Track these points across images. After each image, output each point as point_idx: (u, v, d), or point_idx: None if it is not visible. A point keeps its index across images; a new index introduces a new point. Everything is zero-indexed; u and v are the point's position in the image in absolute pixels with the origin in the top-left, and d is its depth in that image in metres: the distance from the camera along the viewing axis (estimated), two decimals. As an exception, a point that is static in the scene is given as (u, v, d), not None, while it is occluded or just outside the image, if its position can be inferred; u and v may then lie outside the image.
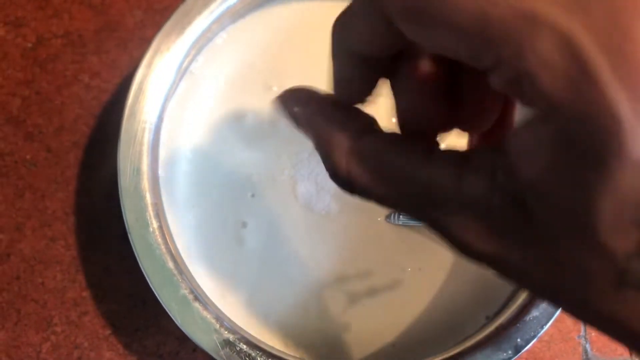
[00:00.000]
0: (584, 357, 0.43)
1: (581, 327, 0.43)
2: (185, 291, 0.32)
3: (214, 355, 0.32)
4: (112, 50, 0.44)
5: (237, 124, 0.38)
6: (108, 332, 0.41)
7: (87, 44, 0.44)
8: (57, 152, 0.43)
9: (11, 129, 0.43)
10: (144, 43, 0.44)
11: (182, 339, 0.41)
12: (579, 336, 0.43)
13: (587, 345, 0.43)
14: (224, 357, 0.32)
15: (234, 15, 0.37)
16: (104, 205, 0.42)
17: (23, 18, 0.44)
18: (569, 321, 0.43)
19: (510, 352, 0.33)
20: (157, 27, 0.44)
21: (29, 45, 0.44)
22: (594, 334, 0.43)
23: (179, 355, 0.41)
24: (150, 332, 0.41)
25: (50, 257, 0.42)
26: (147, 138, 0.33)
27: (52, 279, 0.41)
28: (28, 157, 0.42)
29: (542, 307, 0.33)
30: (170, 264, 0.32)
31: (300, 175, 0.38)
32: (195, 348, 0.41)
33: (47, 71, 0.44)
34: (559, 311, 0.34)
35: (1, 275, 0.41)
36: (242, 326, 0.35)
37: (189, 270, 0.33)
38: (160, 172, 0.36)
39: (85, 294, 0.41)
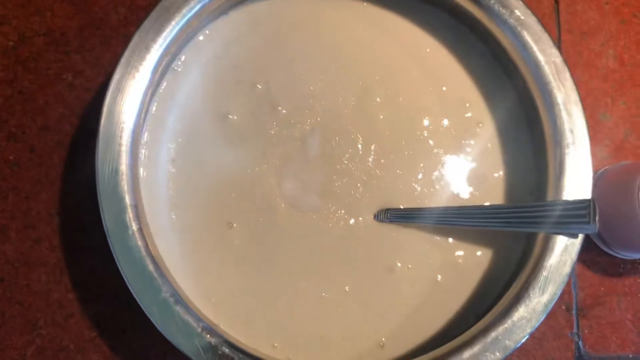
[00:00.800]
0: (577, 354, 0.42)
1: (574, 324, 0.42)
2: (165, 294, 0.31)
3: None
4: (95, 48, 0.43)
5: (221, 122, 0.38)
6: (94, 334, 0.41)
7: (70, 42, 0.43)
8: (41, 153, 0.42)
9: (-6, 129, 0.42)
10: (128, 40, 0.44)
11: (169, 341, 0.41)
12: (571, 333, 0.43)
13: (580, 343, 0.42)
14: None
15: (215, 11, 0.36)
16: (89, 206, 0.42)
17: (4, 16, 0.43)
18: (562, 318, 0.42)
19: (498, 353, 0.32)
20: (141, 23, 0.44)
21: (11, 43, 0.43)
22: (586, 331, 0.42)
23: (166, 357, 0.41)
24: (137, 334, 0.41)
25: (34, 258, 0.41)
26: (125, 138, 0.32)
27: (37, 281, 0.41)
28: (11, 157, 0.42)
29: (530, 307, 0.33)
30: (151, 267, 0.31)
31: (286, 174, 0.38)
32: (182, 349, 0.41)
33: (30, 70, 0.43)
34: (547, 311, 0.33)
35: (-15, 277, 0.41)
36: (227, 329, 0.35)
37: (170, 274, 0.33)
38: (142, 172, 0.35)
39: (71, 295, 0.41)
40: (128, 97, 0.33)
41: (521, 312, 0.33)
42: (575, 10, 0.46)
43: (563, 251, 0.33)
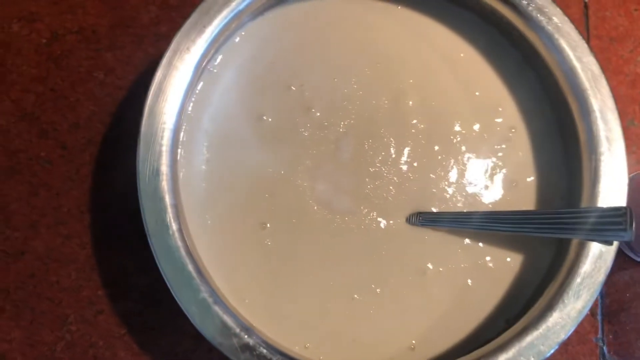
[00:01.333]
0: (601, 359, 0.43)
1: (598, 329, 0.43)
2: (205, 294, 0.32)
3: (234, 359, 0.31)
4: (126, 47, 0.44)
5: (255, 123, 0.38)
6: (123, 331, 0.41)
7: (102, 40, 0.44)
8: (72, 150, 0.42)
9: (25, 125, 0.42)
10: (159, 39, 0.44)
11: (198, 338, 0.41)
12: (596, 339, 0.43)
13: (604, 348, 0.43)
14: None
15: (253, 12, 0.37)
16: (119, 204, 0.42)
17: (37, 13, 0.43)
18: (587, 323, 0.43)
19: (532, 358, 0.32)
20: (172, 23, 0.44)
21: (43, 41, 0.43)
22: (611, 336, 0.43)
23: (194, 355, 0.41)
24: (165, 331, 0.41)
25: (65, 255, 0.41)
26: (166, 139, 0.32)
27: (67, 277, 0.41)
28: (43, 154, 0.42)
29: (565, 313, 0.33)
30: (190, 267, 0.32)
31: (319, 176, 0.38)
32: (211, 348, 0.41)
33: (62, 67, 0.43)
34: (581, 318, 0.33)
35: (15, 273, 0.41)
36: (260, 328, 0.35)
37: (208, 273, 0.33)
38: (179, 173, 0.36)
39: (101, 292, 0.41)
40: (169, 97, 0.33)
41: (555, 317, 0.33)
42: (605, 16, 0.47)
43: (597, 258, 0.34)
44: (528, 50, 0.38)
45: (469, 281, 0.38)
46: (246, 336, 0.32)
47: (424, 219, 0.37)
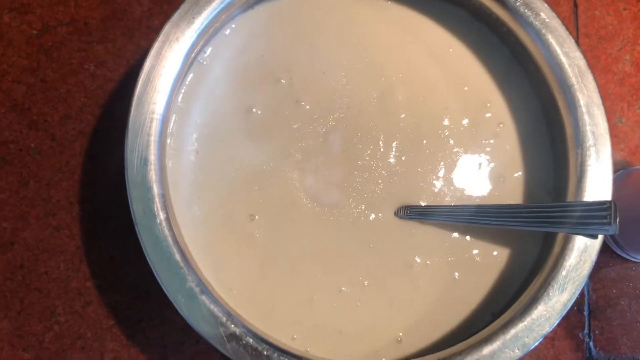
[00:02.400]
0: (587, 355, 0.43)
1: (585, 324, 0.43)
2: (192, 284, 0.32)
3: (220, 349, 0.32)
4: (118, 39, 0.44)
5: (245, 116, 0.38)
6: (112, 322, 0.41)
7: (93, 32, 0.44)
8: (62, 141, 0.42)
9: (16, 116, 0.42)
10: (151, 32, 0.44)
11: (186, 330, 0.41)
12: (582, 334, 0.43)
13: (591, 343, 0.43)
14: (230, 350, 0.31)
15: (244, 5, 0.37)
16: (109, 195, 0.42)
17: (28, 5, 0.43)
18: (574, 318, 0.43)
19: (517, 350, 0.33)
20: (165, 16, 0.44)
21: (34, 32, 0.43)
22: (597, 332, 0.43)
23: (183, 347, 0.41)
24: (154, 323, 0.41)
25: (54, 246, 0.41)
26: (154, 129, 0.33)
27: (56, 268, 0.41)
28: (33, 145, 0.42)
29: (549, 305, 0.33)
30: (177, 257, 0.32)
31: (308, 168, 0.38)
32: (199, 339, 0.41)
33: (53, 59, 0.43)
34: (566, 310, 0.33)
35: (5, 264, 0.41)
36: (247, 319, 0.35)
37: (195, 263, 0.33)
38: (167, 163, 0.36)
39: (89, 284, 0.41)
40: (158, 87, 0.33)
41: (540, 310, 0.33)
42: (594, 15, 0.47)
43: (582, 251, 0.34)
44: (516, 45, 0.38)
45: (456, 274, 0.38)
46: (232, 325, 0.32)
47: (412, 212, 0.38)
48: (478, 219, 0.36)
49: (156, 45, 0.33)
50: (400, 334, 0.37)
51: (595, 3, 0.47)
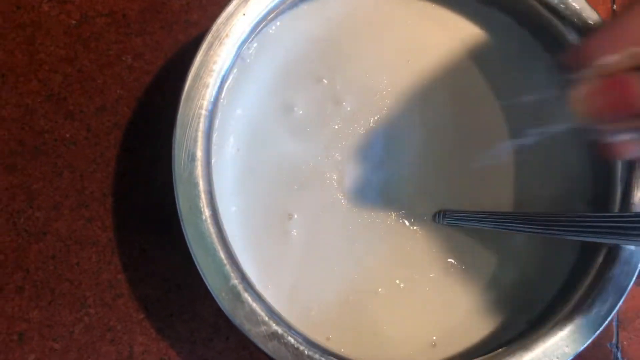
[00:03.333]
0: (615, 365, 0.43)
1: (613, 335, 0.43)
2: (235, 281, 0.32)
3: (262, 347, 0.31)
4: (156, 32, 0.44)
5: (286, 114, 0.38)
6: (142, 316, 0.41)
7: (131, 24, 0.43)
8: (97, 132, 0.42)
9: (51, 106, 0.42)
10: (189, 26, 0.44)
11: (216, 326, 0.41)
12: (610, 344, 0.43)
13: (619, 354, 0.43)
14: (271, 349, 0.31)
15: (291, 3, 0.37)
16: (142, 189, 0.42)
17: (68, -6, 0.43)
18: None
19: (556, 358, 0.33)
20: (203, 10, 0.44)
21: (73, 22, 0.43)
22: (625, 342, 0.43)
23: (211, 343, 0.41)
24: (184, 317, 0.41)
25: (86, 237, 0.41)
26: (202, 125, 0.32)
27: (87, 259, 0.41)
28: (68, 135, 0.42)
29: (590, 316, 0.33)
30: (222, 254, 0.32)
31: (348, 169, 0.38)
32: (228, 336, 0.41)
33: (90, 50, 0.43)
34: (607, 322, 0.33)
35: (37, 253, 0.41)
36: (285, 317, 0.35)
37: (238, 260, 0.33)
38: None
39: (120, 276, 0.41)
40: (207, 82, 0.33)
41: (581, 320, 0.33)
42: None
43: (625, 263, 0.34)
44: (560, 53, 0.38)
45: (492, 280, 0.38)
46: (274, 324, 0.32)
47: (450, 217, 0.38)
48: (519, 226, 0.36)
49: (207, 40, 0.33)
50: (435, 338, 0.37)
51: (632, 14, 0.47)
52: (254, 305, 0.32)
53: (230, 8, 0.33)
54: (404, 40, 0.40)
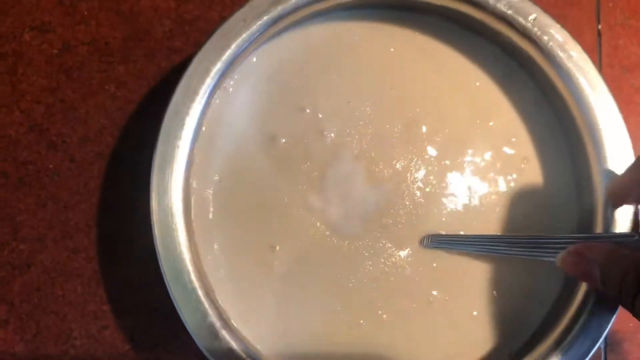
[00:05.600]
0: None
1: (602, 357, 0.43)
2: (212, 319, 0.32)
3: None
4: (139, 60, 0.43)
5: (267, 144, 0.38)
6: (128, 347, 0.41)
7: (114, 53, 0.43)
8: (81, 163, 0.42)
9: (34, 137, 0.42)
10: (172, 53, 0.44)
11: (202, 356, 0.41)
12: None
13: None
14: None
15: (271, 35, 0.36)
16: (127, 219, 0.42)
17: (49, 23, 0.43)
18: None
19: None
20: (186, 37, 0.44)
21: (55, 51, 0.43)
22: (614, 366, 0.43)
23: (198, 373, 0.41)
24: (170, 348, 0.41)
25: (71, 269, 0.41)
26: (180, 164, 0.32)
27: (72, 291, 0.41)
28: (51, 166, 0.42)
29: (571, 352, 0.33)
30: (199, 292, 0.32)
31: (331, 199, 0.38)
32: (215, 367, 0.41)
33: (73, 79, 0.43)
34: (590, 354, 0.33)
35: (21, 286, 0.41)
36: (264, 352, 0.35)
37: (215, 297, 0.33)
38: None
39: (106, 307, 0.41)
40: (186, 119, 0.33)
41: (565, 354, 0.33)
42: (617, 44, 0.47)
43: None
44: (545, 84, 0.38)
45: (475, 312, 0.38)
46: None
47: (435, 241, 0.37)
48: (503, 249, 0.36)
49: (186, 76, 0.33)
50: (419, 368, 0.37)
51: (619, 33, 0.47)
52: (232, 343, 0.31)
53: (209, 43, 0.33)
54: (388, 69, 0.39)
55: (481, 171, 0.39)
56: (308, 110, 0.38)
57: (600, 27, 0.46)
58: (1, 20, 0.43)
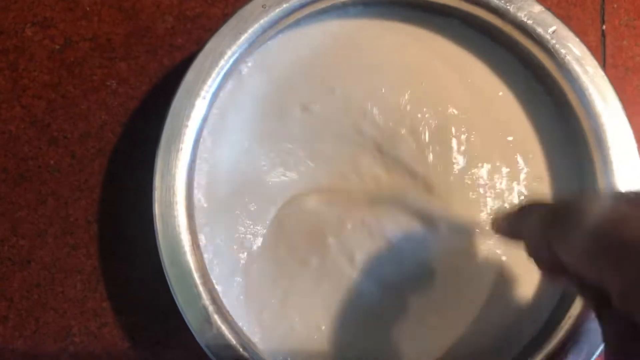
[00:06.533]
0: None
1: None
2: (205, 302, 0.32)
3: None
4: (141, 56, 0.43)
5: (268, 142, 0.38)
6: (127, 344, 0.41)
7: (116, 49, 0.43)
8: (82, 159, 0.42)
9: (35, 132, 0.42)
10: (174, 50, 0.44)
11: (201, 355, 0.41)
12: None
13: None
14: None
15: (288, 24, 0.36)
16: (127, 215, 0.42)
17: (51, 19, 0.43)
18: None
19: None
20: (188, 34, 0.44)
21: (57, 47, 0.43)
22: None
23: (197, 371, 0.41)
24: (170, 345, 0.41)
25: (71, 265, 0.41)
26: (188, 139, 0.33)
27: (72, 288, 0.41)
28: (52, 162, 0.42)
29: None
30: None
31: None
32: (214, 365, 0.41)
33: (74, 75, 0.43)
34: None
35: (21, 282, 0.40)
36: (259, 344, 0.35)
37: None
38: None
39: (106, 304, 0.41)
40: (196, 102, 0.33)
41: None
42: (622, 45, 0.46)
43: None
44: (560, 99, 0.37)
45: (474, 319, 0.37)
46: (241, 349, 0.32)
47: None
48: None
49: (197, 62, 0.33)
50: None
51: (623, 33, 0.47)
52: (223, 327, 0.31)
53: (229, 23, 0.33)
54: (396, 68, 0.39)
55: (495, 187, 0.38)
56: (315, 108, 0.38)
57: (604, 27, 0.46)
58: (3, 16, 0.43)
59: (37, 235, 0.41)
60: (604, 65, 0.46)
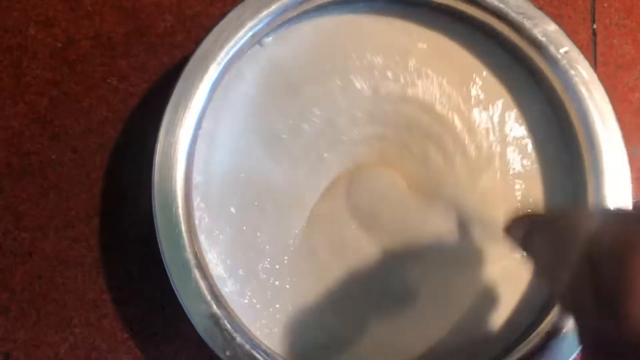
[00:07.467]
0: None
1: None
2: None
3: (195, 326, 0.34)
4: (141, 55, 0.44)
5: (267, 137, 0.39)
6: (126, 335, 0.41)
7: (117, 47, 0.44)
8: (83, 154, 0.43)
9: (38, 128, 0.43)
10: (173, 48, 0.45)
11: (200, 346, 0.41)
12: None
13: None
14: (203, 329, 0.33)
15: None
16: (128, 210, 0.42)
17: (54, 18, 0.44)
18: None
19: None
20: (187, 33, 0.45)
21: (59, 45, 0.44)
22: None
23: (195, 362, 0.41)
24: (168, 337, 0.42)
25: (72, 258, 0.42)
26: (197, 100, 0.34)
27: (73, 280, 0.42)
28: (54, 157, 0.43)
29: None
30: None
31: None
32: (212, 356, 0.41)
33: (76, 72, 0.44)
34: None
35: (23, 274, 0.41)
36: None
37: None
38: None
39: (106, 296, 0.42)
40: (210, 67, 0.35)
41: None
42: (612, 43, 0.47)
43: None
44: (563, 119, 0.39)
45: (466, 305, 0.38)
46: (215, 306, 0.34)
47: None
48: None
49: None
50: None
51: (614, 32, 0.47)
52: (201, 282, 0.33)
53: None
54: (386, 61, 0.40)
55: (490, 198, 0.39)
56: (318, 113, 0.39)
57: (595, 26, 0.47)
58: (7, 15, 0.44)
59: (39, 228, 0.42)
60: (595, 63, 0.47)
